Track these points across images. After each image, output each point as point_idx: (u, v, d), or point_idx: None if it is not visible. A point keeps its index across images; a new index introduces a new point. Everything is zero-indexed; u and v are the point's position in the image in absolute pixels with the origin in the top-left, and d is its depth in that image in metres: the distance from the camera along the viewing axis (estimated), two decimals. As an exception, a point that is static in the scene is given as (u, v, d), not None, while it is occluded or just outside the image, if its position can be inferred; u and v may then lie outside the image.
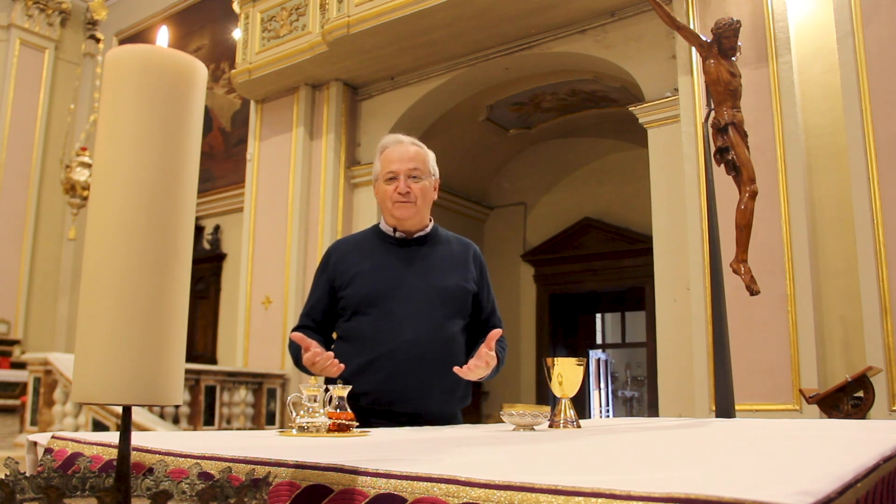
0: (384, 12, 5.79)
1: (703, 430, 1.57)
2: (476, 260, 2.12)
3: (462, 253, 2.10)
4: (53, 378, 5.56)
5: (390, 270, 1.98)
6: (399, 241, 2.04)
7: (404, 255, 2.02)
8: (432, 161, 2.09)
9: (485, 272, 2.13)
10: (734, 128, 2.78)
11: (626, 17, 5.50)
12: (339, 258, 2.05)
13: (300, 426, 1.34)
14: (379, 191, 2.05)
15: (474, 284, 2.06)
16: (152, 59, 0.68)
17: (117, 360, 0.63)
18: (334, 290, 2.02)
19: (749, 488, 0.56)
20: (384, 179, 2.02)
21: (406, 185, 1.98)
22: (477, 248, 2.17)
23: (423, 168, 2.02)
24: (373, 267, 1.99)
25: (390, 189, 2.00)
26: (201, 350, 8.19)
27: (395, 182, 1.99)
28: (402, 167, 2.00)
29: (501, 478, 0.66)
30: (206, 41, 9.13)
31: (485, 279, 2.12)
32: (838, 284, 4.24)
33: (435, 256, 2.04)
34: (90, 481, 0.73)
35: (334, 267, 2.04)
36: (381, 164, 2.05)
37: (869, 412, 3.25)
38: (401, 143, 2.06)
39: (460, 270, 2.04)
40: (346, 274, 2.00)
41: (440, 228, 2.14)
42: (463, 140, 7.68)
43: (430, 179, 2.05)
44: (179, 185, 0.67)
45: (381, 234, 2.07)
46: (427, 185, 2.03)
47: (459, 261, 2.07)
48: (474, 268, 2.09)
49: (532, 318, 8.63)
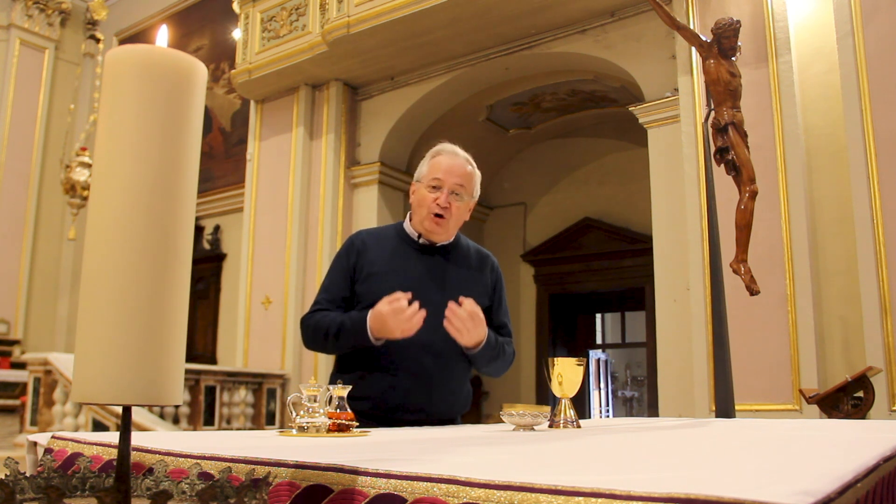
0: (384, 12, 5.79)
1: (703, 430, 1.57)
2: (493, 273, 2.12)
3: (479, 266, 2.10)
4: (53, 378, 5.56)
5: (407, 276, 1.96)
6: (421, 248, 2.03)
7: (424, 262, 2.01)
8: (477, 182, 2.07)
9: (499, 286, 2.13)
10: (734, 128, 2.78)
11: (626, 17, 5.50)
12: (362, 249, 2.03)
13: (300, 426, 1.34)
14: (418, 194, 2.02)
15: (488, 300, 2.06)
16: (152, 59, 0.68)
17: (117, 360, 0.63)
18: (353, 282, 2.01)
19: (749, 488, 0.56)
20: (427, 185, 2.00)
21: (447, 200, 1.96)
22: (495, 262, 2.17)
23: (467, 187, 2.01)
24: (391, 269, 1.97)
25: (430, 197, 1.98)
26: (201, 350, 8.19)
27: (437, 192, 1.97)
28: (449, 179, 1.98)
29: (501, 478, 0.66)
30: (206, 41, 9.13)
31: (498, 293, 2.12)
32: (838, 284, 4.24)
33: (453, 268, 2.04)
34: (90, 481, 0.73)
35: (357, 257, 2.02)
36: (430, 168, 2.02)
37: (869, 412, 3.24)
38: (456, 155, 2.04)
39: (475, 284, 2.04)
40: (365, 269, 1.99)
41: (462, 238, 2.13)
42: (463, 140, 7.62)
43: (469, 200, 2.04)
44: (179, 185, 0.67)
45: (404, 236, 2.06)
46: (464, 205, 2.02)
47: (476, 274, 2.07)
48: (490, 281, 2.10)
49: (532, 318, 8.63)
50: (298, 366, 6.62)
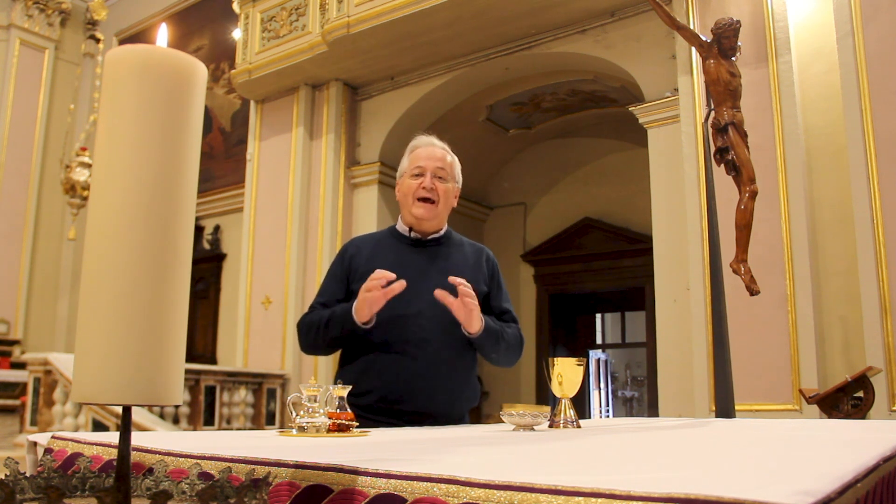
0: (384, 12, 5.79)
1: (703, 430, 1.57)
2: (489, 262, 2.15)
3: (475, 256, 2.13)
4: (53, 378, 5.56)
5: (403, 269, 1.98)
6: (414, 242, 2.07)
7: (418, 255, 2.05)
8: (458, 169, 2.13)
9: (496, 274, 2.16)
10: (734, 128, 2.78)
11: (626, 17, 5.50)
12: (354, 253, 2.07)
13: (300, 426, 1.34)
14: (403, 186, 2.07)
15: (485, 286, 2.08)
16: (152, 59, 0.68)
17: (117, 360, 0.63)
18: (349, 284, 2.04)
19: (749, 488, 0.56)
20: (410, 175, 2.05)
21: (432, 182, 2.01)
22: (490, 252, 2.20)
23: (449, 171, 2.07)
24: (385, 265, 1.99)
25: (415, 184, 2.03)
26: (201, 350, 8.19)
27: (421, 178, 2.03)
28: (430, 164, 2.03)
29: (501, 478, 0.66)
30: (206, 41, 9.13)
31: (496, 280, 2.14)
32: (838, 284, 4.24)
33: (448, 258, 2.07)
34: (90, 481, 0.73)
35: (350, 261, 2.06)
36: (410, 160, 2.08)
37: (869, 412, 3.24)
38: (432, 144, 2.10)
39: (472, 272, 2.06)
40: (359, 269, 2.02)
41: (454, 232, 2.17)
42: (463, 140, 7.66)
43: (453, 184, 2.09)
44: (179, 186, 0.67)
45: (396, 234, 2.11)
46: (450, 188, 2.07)
47: (472, 263, 2.10)
48: (486, 269, 2.12)
49: (532, 318, 8.63)
50: (298, 366, 6.62)
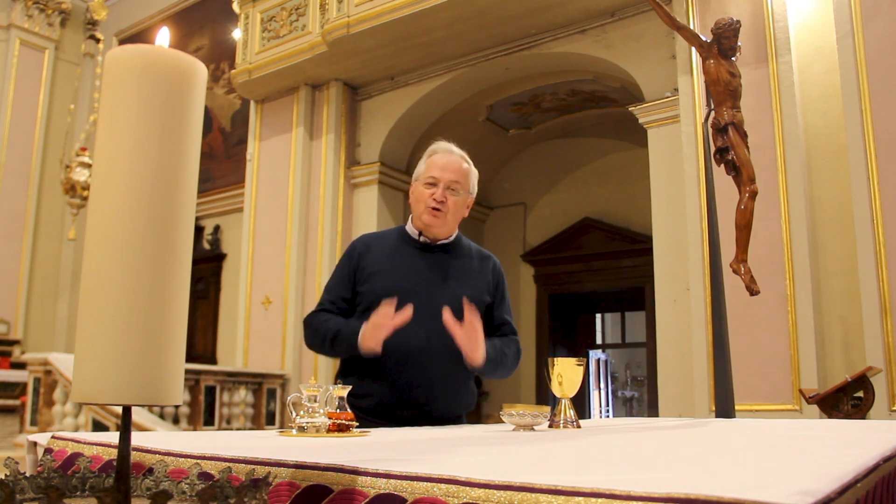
0: (384, 12, 5.79)
1: (703, 430, 1.57)
2: (495, 272, 2.14)
3: (481, 264, 2.12)
4: (53, 378, 5.56)
5: (409, 274, 1.99)
6: (422, 246, 2.06)
7: (425, 260, 2.04)
8: (474, 179, 2.11)
9: (501, 285, 2.15)
10: (734, 128, 2.79)
11: (626, 17, 5.50)
12: (363, 251, 2.07)
13: (300, 426, 1.34)
14: (416, 192, 2.07)
15: (489, 296, 2.08)
16: (152, 59, 0.68)
17: (117, 360, 0.63)
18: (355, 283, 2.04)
19: (749, 488, 0.56)
20: (424, 182, 2.04)
21: (443, 195, 2.00)
22: (497, 262, 2.19)
23: (463, 183, 2.05)
24: (392, 268, 2.01)
25: (427, 193, 2.02)
26: (201, 350, 8.19)
27: (433, 188, 2.02)
28: (444, 176, 2.02)
29: (501, 478, 0.66)
30: (206, 41, 9.13)
31: (500, 291, 2.14)
32: (838, 284, 4.24)
33: (454, 265, 2.06)
34: (90, 481, 0.73)
35: (359, 259, 2.05)
36: (426, 166, 2.07)
37: (869, 412, 3.24)
38: (451, 153, 2.08)
39: (477, 281, 2.06)
40: (367, 270, 2.02)
41: (464, 238, 2.17)
42: (463, 140, 7.61)
43: (466, 196, 2.08)
44: (179, 186, 0.67)
45: (405, 237, 2.10)
46: (461, 200, 2.06)
47: (477, 272, 2.09)
48: (492, 279, 2.12)
49: (532, 318, 8.63)
50: (298, 366, 6.62)
